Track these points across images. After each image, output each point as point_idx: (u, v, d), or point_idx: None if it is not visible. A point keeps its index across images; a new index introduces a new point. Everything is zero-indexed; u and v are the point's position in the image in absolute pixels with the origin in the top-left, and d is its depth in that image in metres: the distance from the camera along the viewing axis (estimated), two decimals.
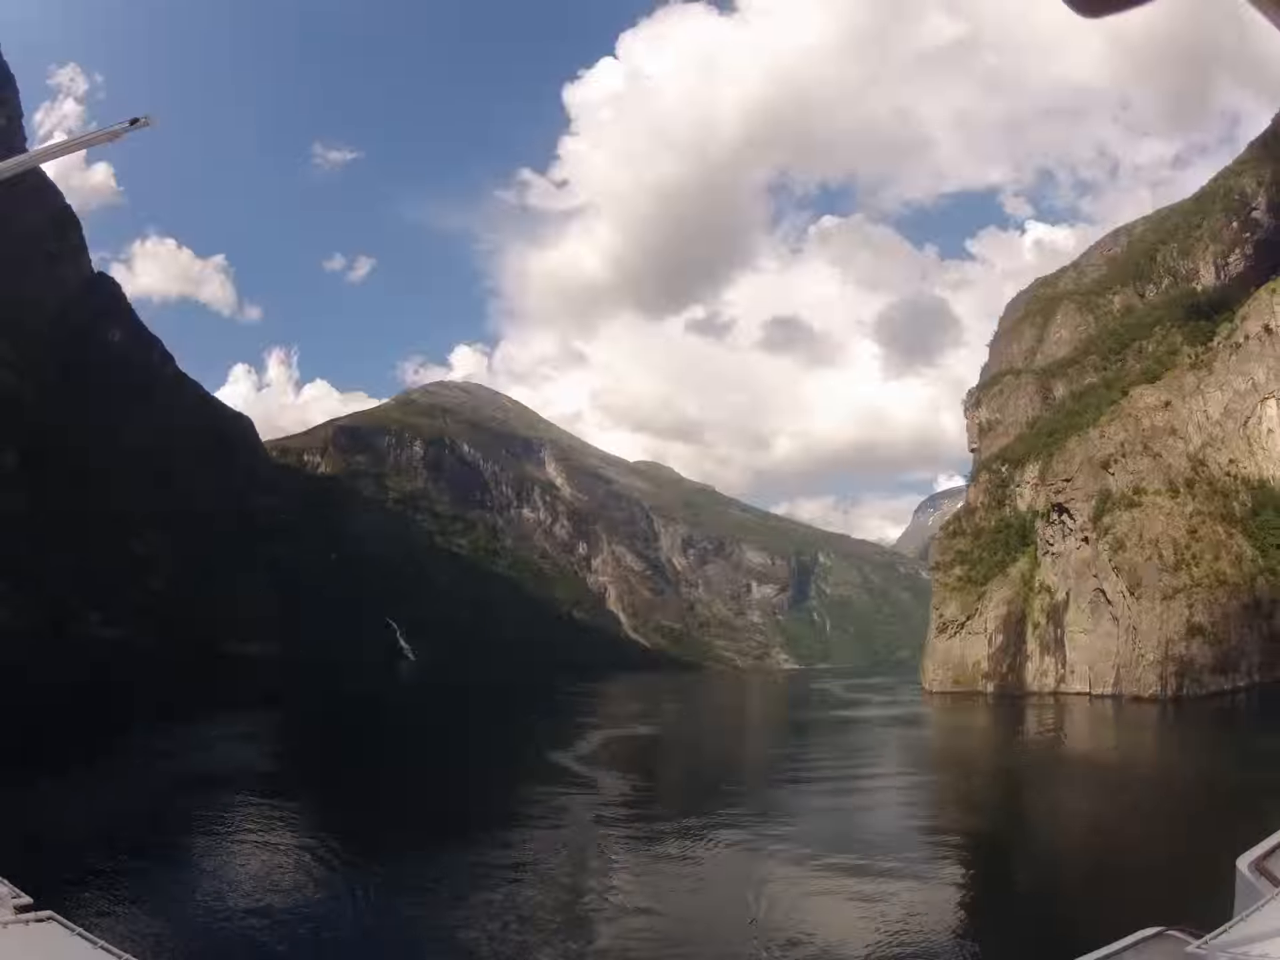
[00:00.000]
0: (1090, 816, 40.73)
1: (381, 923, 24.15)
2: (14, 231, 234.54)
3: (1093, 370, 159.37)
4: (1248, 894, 4.63)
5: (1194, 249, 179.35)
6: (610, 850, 32.89)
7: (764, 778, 54.66)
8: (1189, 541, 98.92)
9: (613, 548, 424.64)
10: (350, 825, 36.07)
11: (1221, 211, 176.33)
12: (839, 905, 26.20)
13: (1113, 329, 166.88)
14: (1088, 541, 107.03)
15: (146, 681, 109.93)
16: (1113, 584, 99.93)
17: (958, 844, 34.57)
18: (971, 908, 26.32)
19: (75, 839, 29.94)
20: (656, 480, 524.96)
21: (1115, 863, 28.97)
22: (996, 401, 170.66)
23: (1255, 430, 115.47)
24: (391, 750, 62.54)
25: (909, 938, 22.87)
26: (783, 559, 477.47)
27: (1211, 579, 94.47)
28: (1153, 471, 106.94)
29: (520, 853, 32.07)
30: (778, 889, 26.82)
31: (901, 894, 26.46)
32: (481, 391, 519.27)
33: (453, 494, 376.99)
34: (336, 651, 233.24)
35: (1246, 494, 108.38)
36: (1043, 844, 35.72)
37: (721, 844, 32.99)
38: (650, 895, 26.89)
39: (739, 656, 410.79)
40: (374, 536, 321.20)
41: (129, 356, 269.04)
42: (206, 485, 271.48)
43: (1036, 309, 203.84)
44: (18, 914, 5.13)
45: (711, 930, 24.46)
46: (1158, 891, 22.57)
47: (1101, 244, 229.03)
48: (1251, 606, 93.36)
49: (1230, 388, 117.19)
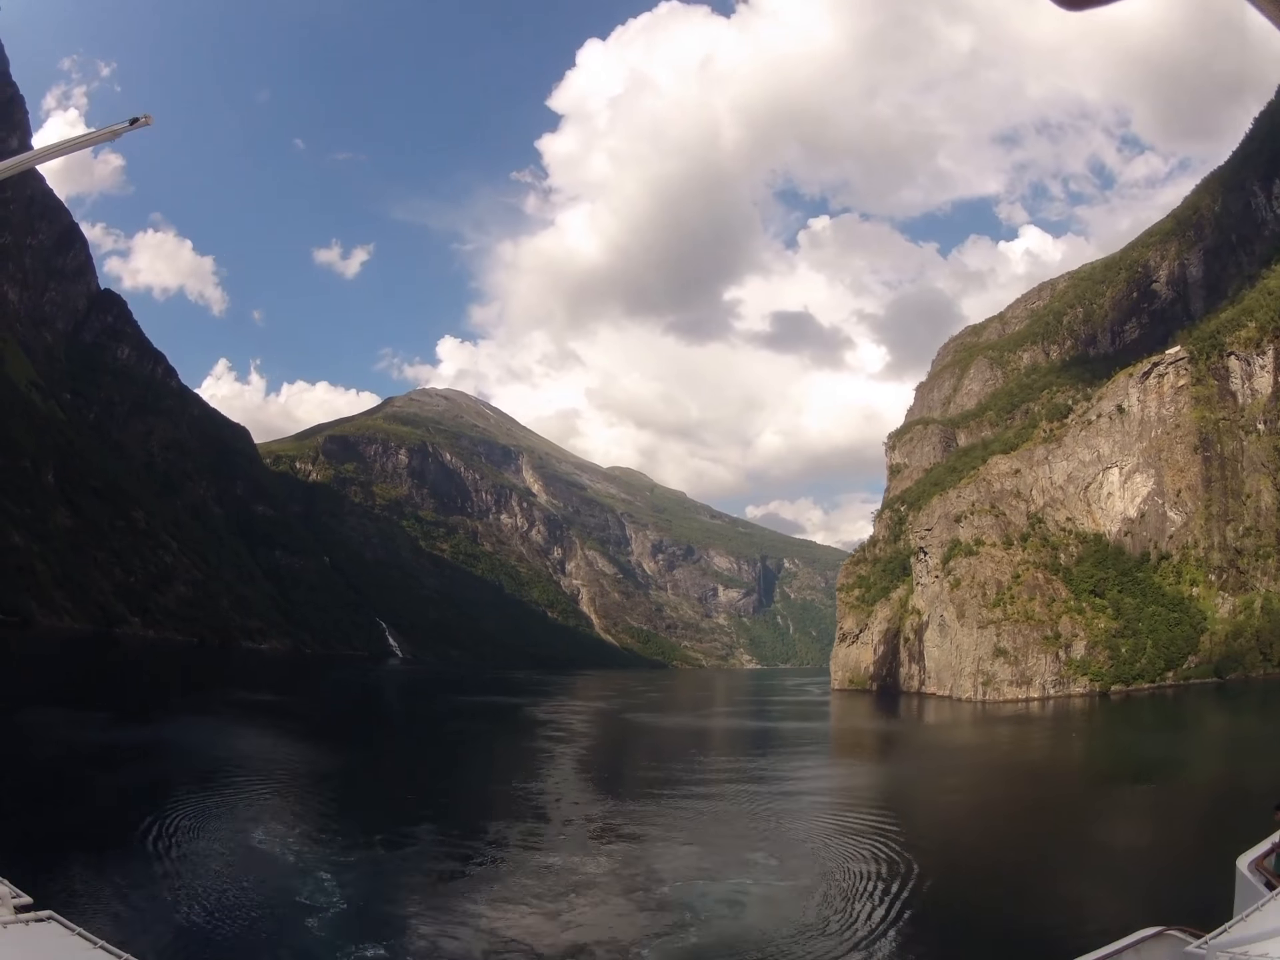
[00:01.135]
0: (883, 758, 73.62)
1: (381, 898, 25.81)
2: (27, 250, 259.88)
3: (989, 425, 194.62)
4: (1248, 894, 5.25)
5: (1095, 315, 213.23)
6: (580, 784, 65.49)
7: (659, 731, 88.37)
8: (1010, 584, 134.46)
9: (586, 552, 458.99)
10: (359, 818, 38.55)
11: (1125, 281, 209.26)
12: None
13: (1010, 389, 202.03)
14: (938, 579, 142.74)
15: (185, 673, 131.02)
16: (950, 613, 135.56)
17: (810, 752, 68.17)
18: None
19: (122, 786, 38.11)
20: (629, 486, 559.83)
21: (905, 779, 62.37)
22: (907, 447, 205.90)
23: (1096, 494, 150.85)
24: (387, 726, 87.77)
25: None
26: (749, 564, 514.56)
27: (1019, 614, 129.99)
28: (994, 527, 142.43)
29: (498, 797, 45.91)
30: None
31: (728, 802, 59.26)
32: (462, 399, 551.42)
33: (436, 500, 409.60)
34: (333, 647, 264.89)
35: (1077, 547, 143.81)
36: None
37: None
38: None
39: (704, 656, 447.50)
40: (363, 541, 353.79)
41: (136, 371, 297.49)
42: (211, 494, 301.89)
43: (956, 360, 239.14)
44: (18, 914, 5.50)
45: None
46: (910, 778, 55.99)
47: (1027, 296, 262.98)
48: (1052, 638, 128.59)
49: (1076, 458, 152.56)
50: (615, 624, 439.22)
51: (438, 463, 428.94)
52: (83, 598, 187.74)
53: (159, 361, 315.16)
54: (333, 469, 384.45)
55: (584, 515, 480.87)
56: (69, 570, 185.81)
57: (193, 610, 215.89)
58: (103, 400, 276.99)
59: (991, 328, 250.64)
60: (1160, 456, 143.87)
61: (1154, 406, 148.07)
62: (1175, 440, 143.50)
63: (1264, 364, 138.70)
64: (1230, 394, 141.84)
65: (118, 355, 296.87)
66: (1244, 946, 4.26)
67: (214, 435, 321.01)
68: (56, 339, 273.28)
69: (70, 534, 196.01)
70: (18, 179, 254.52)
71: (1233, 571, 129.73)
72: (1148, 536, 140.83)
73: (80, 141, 8.17)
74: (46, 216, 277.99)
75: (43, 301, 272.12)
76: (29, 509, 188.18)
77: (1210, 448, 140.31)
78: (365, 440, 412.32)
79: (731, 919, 24.86)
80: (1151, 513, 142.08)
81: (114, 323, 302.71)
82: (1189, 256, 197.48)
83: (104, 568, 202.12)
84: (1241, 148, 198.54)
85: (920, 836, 34.86)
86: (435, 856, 32.07)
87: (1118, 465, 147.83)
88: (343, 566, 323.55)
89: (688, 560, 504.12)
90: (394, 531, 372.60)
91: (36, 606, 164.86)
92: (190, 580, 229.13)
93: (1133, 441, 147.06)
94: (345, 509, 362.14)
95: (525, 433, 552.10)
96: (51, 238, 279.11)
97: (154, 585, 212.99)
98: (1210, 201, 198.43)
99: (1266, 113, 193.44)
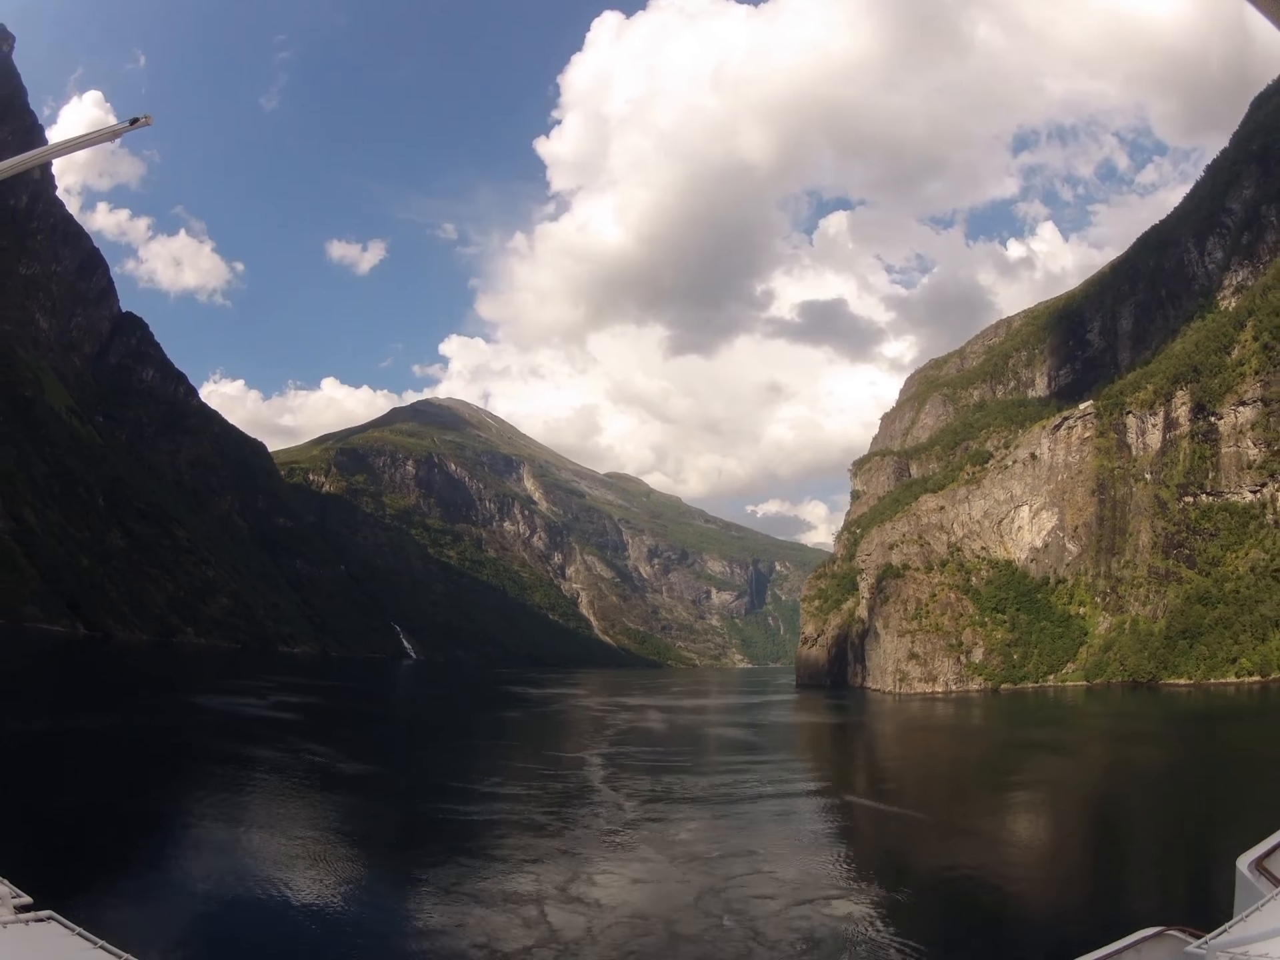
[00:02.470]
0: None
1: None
2: (53, 278, 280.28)
3: (936, 459, 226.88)
4: (1248, 894, 5.24)
5: (1035, 360, 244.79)
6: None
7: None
8: (927, 601, 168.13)
9: (585, 557, 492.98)
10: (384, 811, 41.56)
11: (1063, 329, 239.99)
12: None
13: (955, 426, 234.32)
14: (873, 594, 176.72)
15: (232, 674, 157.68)
16: (880, 623, 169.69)
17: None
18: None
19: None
20: (626, 493, 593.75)
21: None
22: (866, 475, 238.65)
23: (1008, 527, 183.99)
24: (415, 714, 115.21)
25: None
26: (741, 567, 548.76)
27: (931, 626, 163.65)
28: (918, 554, 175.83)
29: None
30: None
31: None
32: (464, 409, 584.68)
33: (442, 509, 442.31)
34: (354, 650, 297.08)
35: (988, 571, 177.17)
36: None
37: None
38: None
39: (698, 656, 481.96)
40: (375, 550, 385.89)
41: (160, 392, 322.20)
42: (235, 507, 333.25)
43: (917, 394, 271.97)
44: (18, 914, 5.65)
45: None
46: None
47: (985, 333, 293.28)
48: (955, 645, 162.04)
49: (993, 497, 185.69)
50: (613, 625, 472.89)
51: (443, 473, 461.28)
52: (144, 612, 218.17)
53: (180, 381, 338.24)
54: (344, 480, 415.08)
55: (583, 522, 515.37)
56: (130, 587, 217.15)
57: (234, 619, 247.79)
58: (132, 421, 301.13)
59: (952, 362, 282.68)
60: (1064, 497, 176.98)
61: (1062, 454, 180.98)
62: (1077, 484, 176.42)
63: (1155, 423, 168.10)
64: (1126, 446, 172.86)
65: (143, 377, 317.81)
66: (1244, 946, 4.49)
67: (234, 451, 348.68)
68: (84, 363, 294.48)
69: (125, 553, 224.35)
70: (42, 209, 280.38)
71: (1113, 596, 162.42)
72: (1049, 564, 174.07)
73: (81, 141, 8.77)
74: (68, 243, 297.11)
75: (70, 327, 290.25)
76: (88, 532, 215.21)
77: (1105, 491, 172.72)
78: (374, 452, 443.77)
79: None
80: (1054, 544, 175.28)
81: (137, 345, 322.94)
82: (1121, 309, 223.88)
83: (157, 583, 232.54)
84: (1181, 205, 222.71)
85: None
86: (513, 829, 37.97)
87: (1028, 503, 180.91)
88: (357, 574, 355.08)
89: (682, 564, 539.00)
90: (403, 540, 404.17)
91: (112, 622, 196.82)
92: (230, 591, 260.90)
93: (1042, 483, 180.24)
94: (358, 519, 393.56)
95: (526, 441, 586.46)
96: (74, 264, 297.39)
97: (200, 597, 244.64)
98: (1147, 255, 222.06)
99: (1208, 173, 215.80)
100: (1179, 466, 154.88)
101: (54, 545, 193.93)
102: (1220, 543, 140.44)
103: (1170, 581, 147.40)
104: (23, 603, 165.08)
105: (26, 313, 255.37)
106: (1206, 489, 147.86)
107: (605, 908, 26.85)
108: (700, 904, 26.82)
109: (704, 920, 25.39)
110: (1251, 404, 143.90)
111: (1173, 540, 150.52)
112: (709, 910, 26.28)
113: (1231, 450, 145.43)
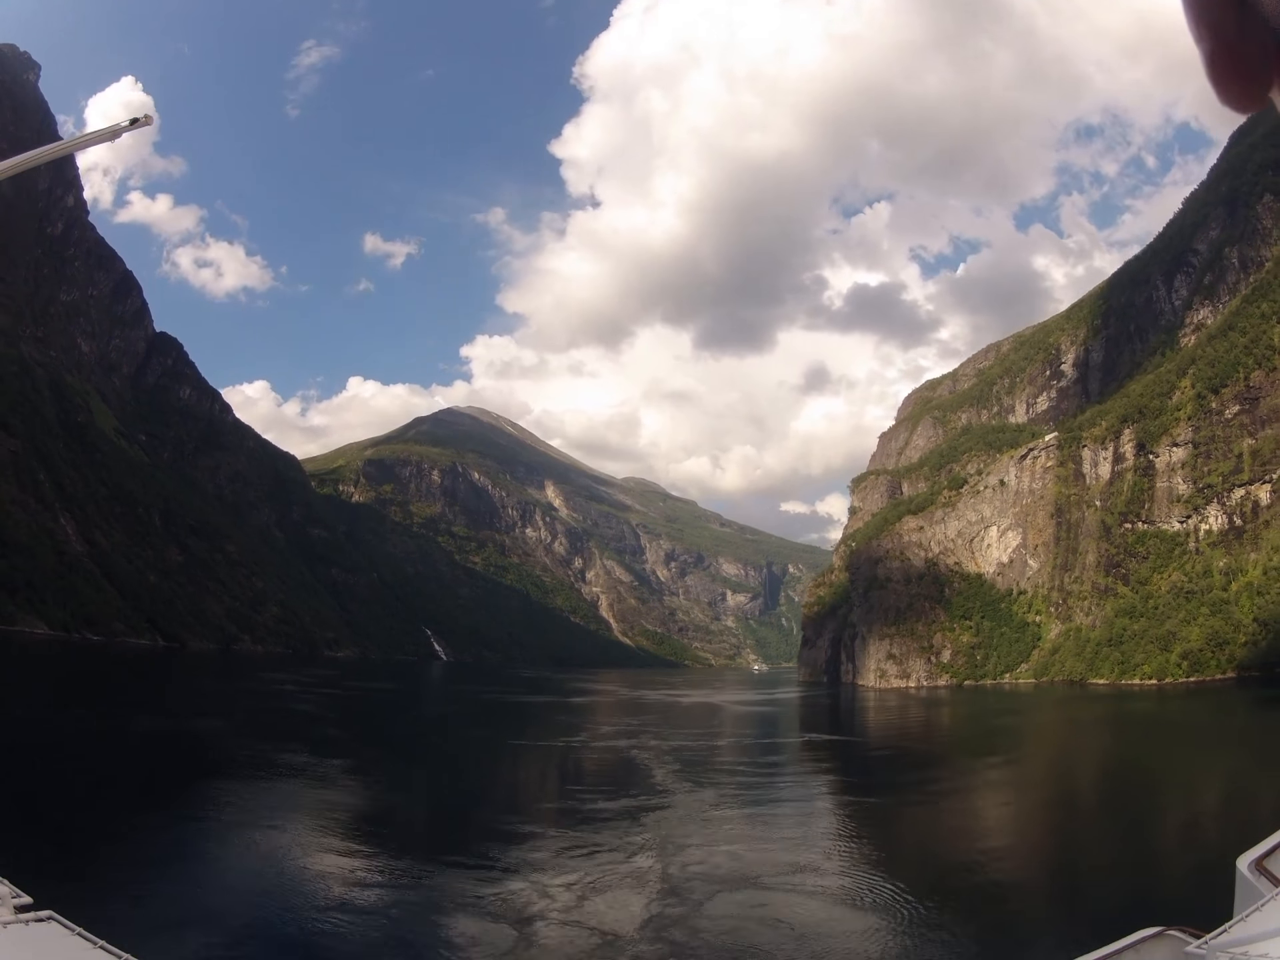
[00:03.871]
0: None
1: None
2: (91, 302, 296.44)
3: (923, 479, 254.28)
4: (1248, 894, 5.34)
5: (1016, 387, 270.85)
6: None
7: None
8: (905, 609, 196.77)
9: (604, 562, 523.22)
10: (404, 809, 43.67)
11: (1041, 359, 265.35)
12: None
13: (942, 449, 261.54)
14: (861, 603, 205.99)
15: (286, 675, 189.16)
16: (865, 628, 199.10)
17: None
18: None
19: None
20: (643, 497, 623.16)
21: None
22: (863, 492, 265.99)
23: (979, 544, 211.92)
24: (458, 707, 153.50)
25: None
26: (755, 570, 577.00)
27: (907, 631, 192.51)
28: (900, 568, 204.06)
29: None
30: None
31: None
32: (486, 416, 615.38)
33: (467, 517, 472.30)
34: (390, 653, 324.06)
35: (960, 583, 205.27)
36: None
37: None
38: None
39: (714, 657, 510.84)
40: (404, 557, 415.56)
41: (198, 410, 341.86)
42: (272, 520, 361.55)
43: (912, 415, 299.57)
44: (18, 914, 5.76)
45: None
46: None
47: (976, 357, 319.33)
48: (926, 646, 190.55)
49: (965, 518, 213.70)
50: (632, 627, 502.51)
51: (467, 481, 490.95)
52: (207, 622, 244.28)
53: (215, 399, 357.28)
54: (373, 490, 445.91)
55: (602, 527, 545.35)
56: (193, 601, 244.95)
57: (284, 626, 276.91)
58: (173, 439, 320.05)
59: (945, 384, 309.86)
60: (1027, 519, 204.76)
61: (1027, 480, 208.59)
62: (1039, 508, 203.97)
63: (1106, 456, 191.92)
64: (1082, 476, 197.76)
65: (180, 395, 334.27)
66: (1244, 946, 4.57)
67: (269, 465, 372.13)
68: (123, 384, 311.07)
69: (184, 569, 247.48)
70: (77, 235, 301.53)
71: (1064, 606, 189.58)
72: (1013, 577, 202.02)
73: (81, 141, 8.93)
74: (103, 266, 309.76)
75: (109, 350, 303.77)
76: (150, 550, 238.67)
77: (1062, 515, 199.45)
78: (400, 463, 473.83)
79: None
80: (1017, 560, 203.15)
81: (173, 364, 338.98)
82: (1093, 342, 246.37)
83: (215, 595, 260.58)
84: (1153, 243, 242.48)
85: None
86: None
87: (996, 524, 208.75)
88: (389, 580, 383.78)
89: (698, 567, 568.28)
90: (431, 547, 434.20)
91: (185, 634, 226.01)
92: (278, 600, 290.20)
93: (1009, 506, 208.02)
94: (387, 528, 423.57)
95: (547, 448, 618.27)
96: (109, 287, 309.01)
97: (253, 607, 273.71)
98: (1120, 291, 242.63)
99: (1179, 215, 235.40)
100: (1122, 496, 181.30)
101: (125, 565, 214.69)
102: (1150, 565, 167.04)
103: (1108, 596, 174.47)
104: (112, 620, 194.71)
105: (69, 338, 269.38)
106: (1143, 517, 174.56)
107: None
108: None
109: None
110: (1183, 445, 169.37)
111: (1113, 560, 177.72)
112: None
113: (1165, 485, 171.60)
